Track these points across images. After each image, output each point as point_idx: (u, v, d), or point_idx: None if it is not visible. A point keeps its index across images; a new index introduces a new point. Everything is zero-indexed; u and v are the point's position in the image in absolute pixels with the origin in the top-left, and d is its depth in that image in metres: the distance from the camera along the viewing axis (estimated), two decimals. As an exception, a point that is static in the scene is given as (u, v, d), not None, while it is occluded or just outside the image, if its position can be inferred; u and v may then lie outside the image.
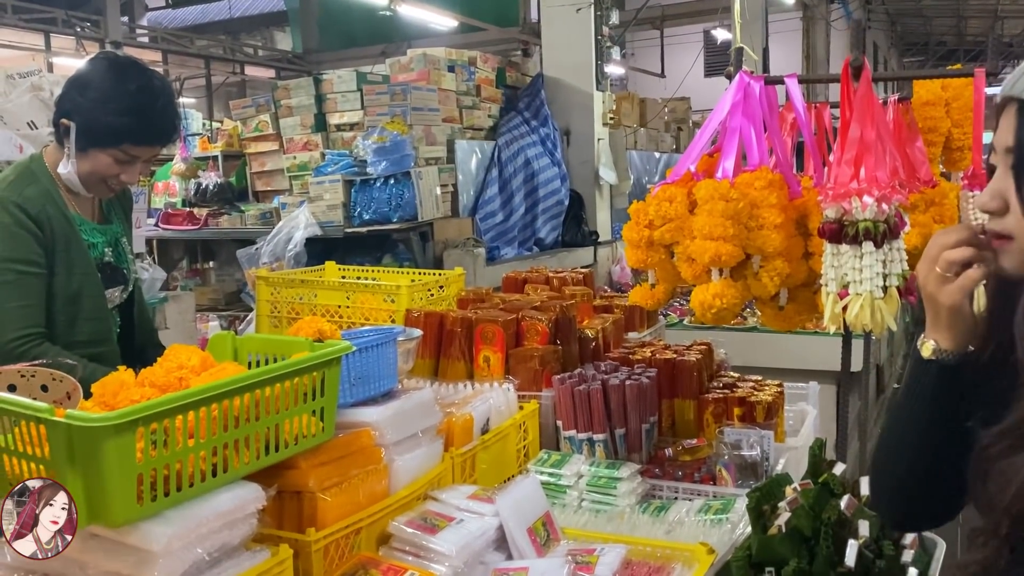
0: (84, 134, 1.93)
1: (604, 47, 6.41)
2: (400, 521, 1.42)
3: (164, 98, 1.98)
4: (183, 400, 1.13)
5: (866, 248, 1.39)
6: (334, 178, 4.78)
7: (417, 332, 1.85)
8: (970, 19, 16.30)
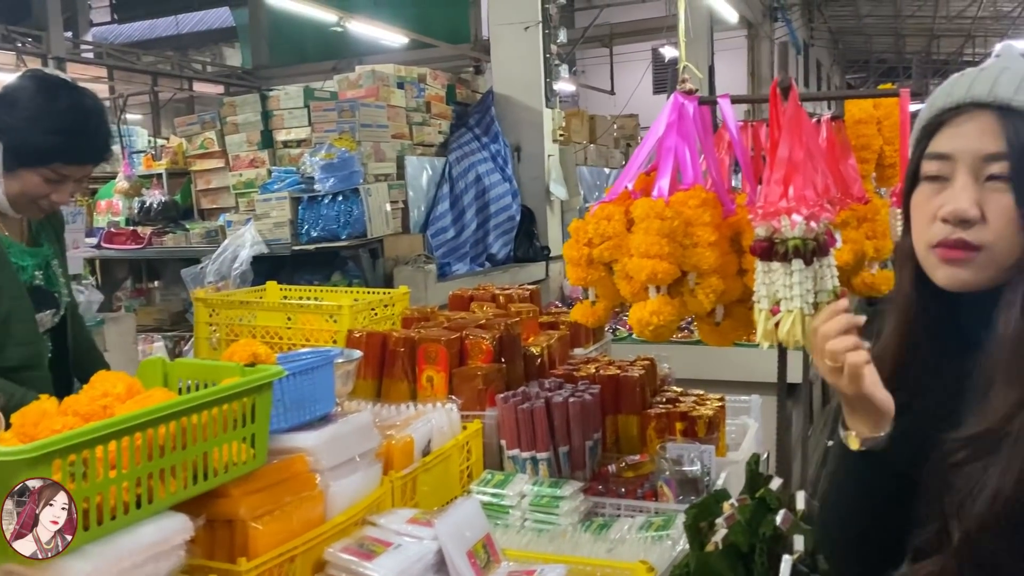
0: (12, 153, 1.88)
1: (553, 65, 6.46)
2: (336, 548, 1.39)
3: (96, 117, 1.94)
4: (104, 430, 1.10)
5: (796, 265, 1.42)
6: (281, 195, 4.73)
7: (356, 353, 1.83)
8: (908, 37, 16.81)
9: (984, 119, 1.01)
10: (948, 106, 1.05)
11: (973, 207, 1.01)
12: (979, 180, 1.02)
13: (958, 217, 1.01)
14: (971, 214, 1.01)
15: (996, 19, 15.23)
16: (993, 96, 1.01)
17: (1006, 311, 1.00)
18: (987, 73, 1.03)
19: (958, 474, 1.00)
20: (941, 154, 1.05)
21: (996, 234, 1.00)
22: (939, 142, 1.05)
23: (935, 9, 14.28)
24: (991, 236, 1.01)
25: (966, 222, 1.01)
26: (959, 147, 1.03)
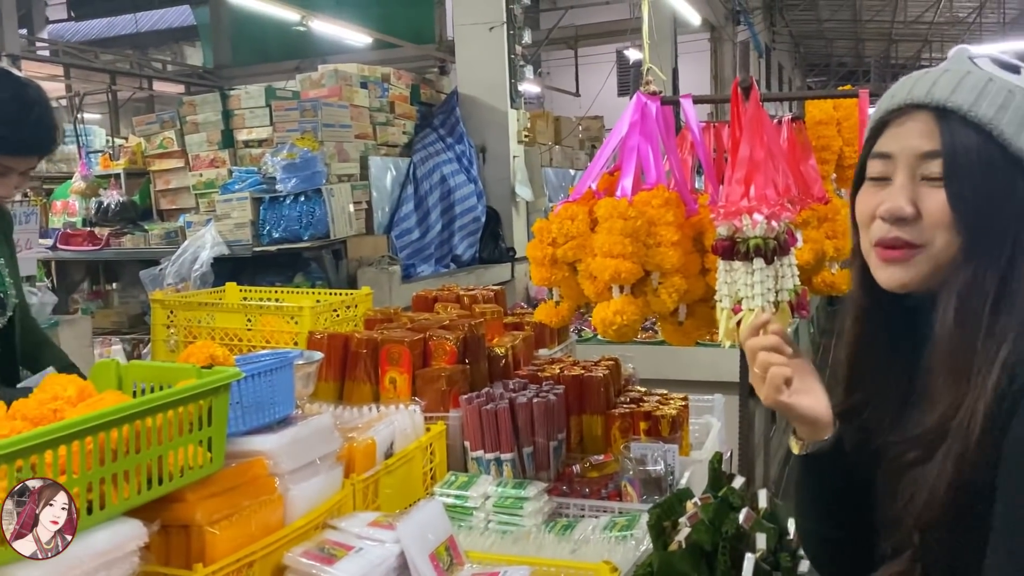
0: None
1: (518, 65, 6.47)
2: (296, 552, 1.37)
3: (39, 108, 1.89)
4: (54, 434, 1.06)
5: (757, 264, 1.42)
6: (242, 195, 4.67)
7: (317, 355, 1.80)
8: (867, 41, 17.11)
9: (921, 119, 1.02)
10: (891, 107, 1.06)
11: (908, 205, 1.02)
12: (916, 179, 1.03)
13: (893, 215, 1.03)
14: (906, 212, 1.02)
15: (952, 24, 15.56)
16: (930, 97, 1.02)
17: (941, 311, 1.01)
18: (928, 76, 1.04)
19: (904, 475, 1.01)
20: (883, 153, 1.06)
21: (932, 231, 1.01)
22: (882, 143, 1.07)
23: (893, 14, 14.54)
24: (927, 234, 1.02)
25: (902, 220, 1.02)
26: (898, 147, 1.04)
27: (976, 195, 0.99)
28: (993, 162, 0.98)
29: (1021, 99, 1.00)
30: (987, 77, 1.01)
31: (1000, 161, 0.98)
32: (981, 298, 0.98)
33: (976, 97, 0.99)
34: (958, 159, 0.99)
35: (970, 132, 0.99)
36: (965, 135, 0.99)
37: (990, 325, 0.97)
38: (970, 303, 0.99)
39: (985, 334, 0.97)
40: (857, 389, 1.15)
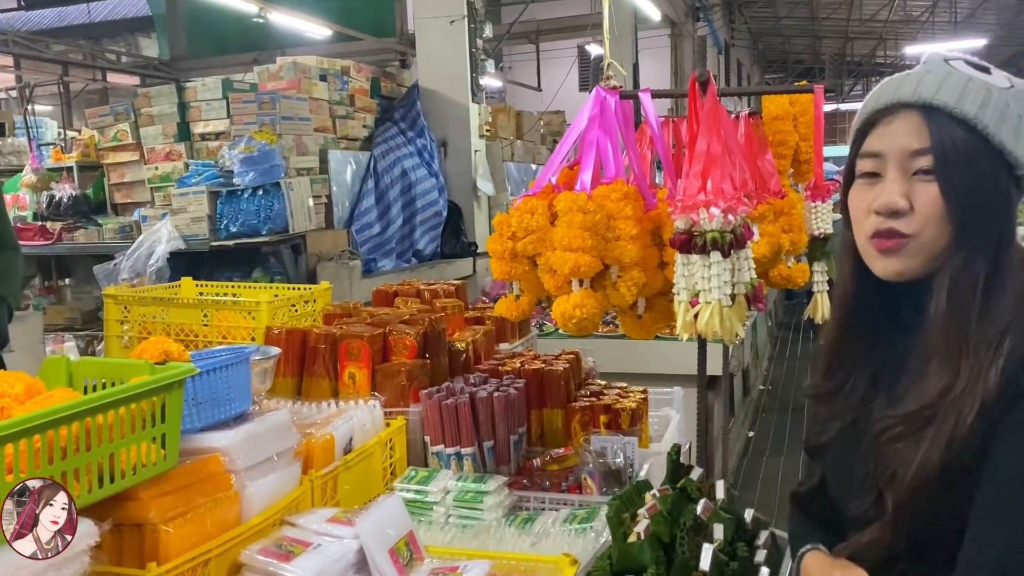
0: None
1: (479, 59, 6.44)
2: (252, 549, 1.35)
3: None
4: (0, 432, 1.04)
5: (714, 258, 1.44)
6: (198, 189, 4.60)
7: (274, 350, 1.78)
8: (824, 39, 17.36)
9: (910, 118, 1.08)
10: (878, 108, 1.12)
11: (902, 199, 1.07)
12: (907, 174, 1.08)
13: (889, 209, 1.08)
14: (900, 205, 1.07)
15: (906, 23, 15.85)
16: (917, 96, 1.07)
17: (936, 296, 1.07)
18: (912, 77, 1.10)
19: (891, 448, 1.07)
20: (873, 152, 1.11)
21: (923, 223, 1.07)
22: (871, 142, 1.12)
23: (849, 12, 14.76)
24: (919, 225, 1.07)
25: (896, 213, 1.08)
26: (888, 145, 1.09)
27: (965, 187, 1.05)
28: (978, 155, 1.05)
29: (998, 96, 1.06)
30: (967, 77, 1.08)
31: (984, 154, 1.05)
32: (972, 281, 1.05)
33: (960, 95, 1.06)
34: (947, 154, 1.05)
35: (956, 128, 1.05)
36: (952, 131, 1.05)
37: (983, 307, 1.04)
38: (962, 286, 1.05)
39: (979, 315, 1.04)
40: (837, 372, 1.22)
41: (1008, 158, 1.06)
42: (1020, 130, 1.06)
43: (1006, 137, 1.06)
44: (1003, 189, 1.07)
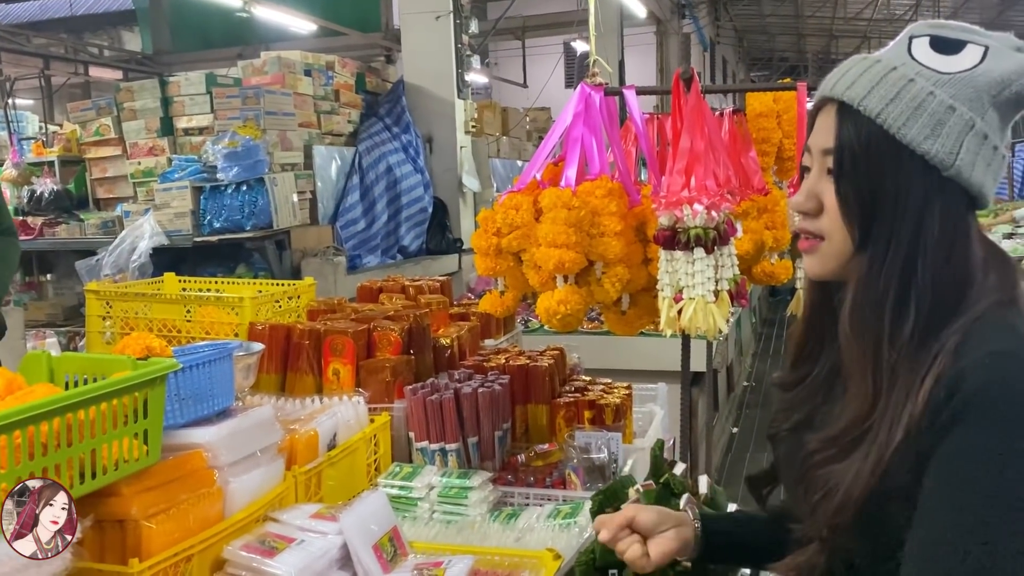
0: None
1: (464, 55, 6.44)
2: (236, 545, 1.35)
3: None
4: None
5: (698, 254, 1.45)
6: (181, 184, 4.57)
7: (258, 346, 1.77)
8: (808, 37, 17.44)
9: (829, 113, 1.02)
10: (815, 100, 1.07)
11: (807, 199, 1.03)
12: (823, 172, 1.03)
13: (795, 208, 1.05)
14: (803, 206, 1.03)
15: (890, 21, 15.94)
16: (834, 91, 1.01)
17: (841, 310, 1.02)
18: (842, 67, 1.03)
19: (819, 471, 1.01)
20: (806, 147, 1.07)
21: (831, 225, 1.01)
22: (809, 137, 1.07)
23: (833, 11, 14.84)
24: (828, 226, 1.02)
25: (805, 213, 1.04)
26: (812, 141, 1.05)
27: (861, 190, 0.98)
28: (882, 156, 0.96)
29: (921, 86, 0.96)
30: (891, 67, 0.98)
31: (890, 155, 0.96)
32: (877, 299, 0.97)
33: (869, 90, 0.97)
34: (844, 154, 0.98)
35: (861, 126, 0.97)
36: (855, 129, 0.98)
37: (894, 328, 0.95)
38: (865, 304, 0.98)
39: (889, 337, 0.95)
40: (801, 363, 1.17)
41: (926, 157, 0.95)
42: (945, 123, 0.94)
43: (915, 134, 0.95)
44: (915, 196, 0.95)
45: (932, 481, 0.90)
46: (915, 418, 0.91)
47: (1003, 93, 0.96)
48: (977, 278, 0.96)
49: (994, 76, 0.96)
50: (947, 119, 0.95)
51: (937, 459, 0.90)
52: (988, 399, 0.88)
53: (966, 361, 0.90)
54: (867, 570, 1.00)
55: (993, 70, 0.96)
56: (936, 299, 0.95)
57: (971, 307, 0.94)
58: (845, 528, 0.97)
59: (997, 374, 0.89)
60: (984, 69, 0.96)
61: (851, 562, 1.01)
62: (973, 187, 0.96)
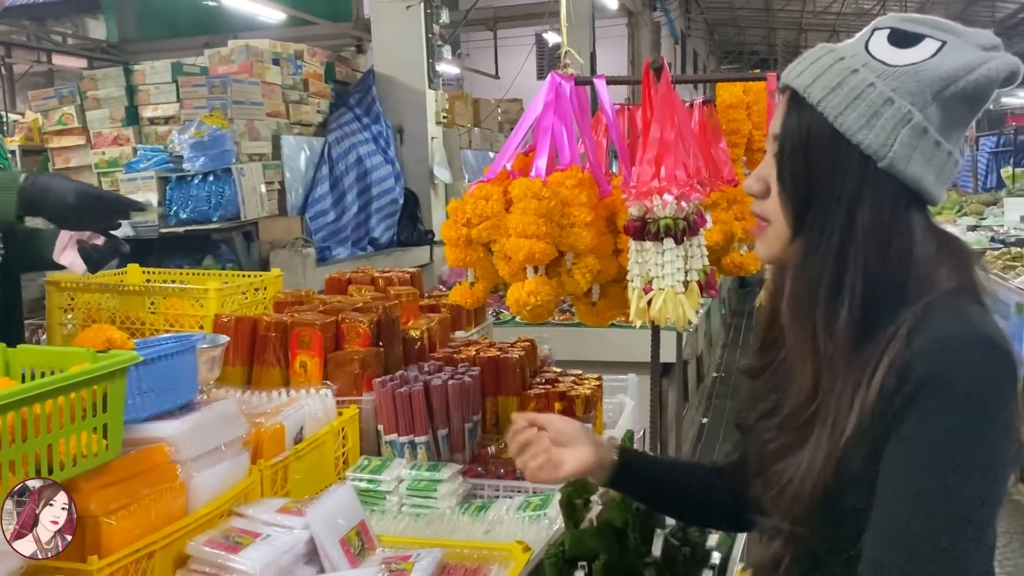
0: None
1: (435, 45, 6.39)
2: (199, 541, 1.33)
3: None
4: (-71, 424, 1.00)
5: (667, 244, 1.44)
6: (147, 175, 4.48)
7: (222, 338, 1.74)
8: (778, 30, 17.57)
9: (783, 100, 1.03)
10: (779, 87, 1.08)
11: (756, 182, 1.06)
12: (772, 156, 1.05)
13: (746, 191, 1.09)
14: (752, 188, 1.06)
15: (858, 15, 16.10)
16: (787, 79, 1.02)
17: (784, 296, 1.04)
18: (800, 57, 1.04)
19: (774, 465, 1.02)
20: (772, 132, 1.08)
21: (774, 209, 1.03)
22: None
23: (803, 4, 14.95)
24: (773, 210, 1.03)
25: (755, 196, 1.06)
26: (771, 127, 1.07)
27: (798, 175, 0.99)
28: (820, 144, 0.97)
29: (863, 77, 0.96)
30: (840, 57, 0.99)
31: (828, 143, 0.97)
32: (811, 287, 0.98)
33: (815, 79, 0.98)
34: (786, 139, 1.00)
35: (804, 113, 0.98)
36: (798, 116, 0.99)
37: (828, 320, 0.96)
38: (801, 290, 0.99)
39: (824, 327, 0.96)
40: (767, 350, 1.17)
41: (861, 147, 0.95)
42: (881, 115, 0.95)
43: (850, 123, 0.95)
44: (850, 183, 0.96)
45: (888, 465, 0.91)
46: (868, 407, 0.92)
47: (948, 89, 0.96)
48: (923, 270, 0.96)
49: (940, 71, 0.96)
50: (884, 111, 0.95)
51: (893, 444, 0.91)
52: (938, 383, 0.89)
53: (915, 347, 0.91)
54: (830, 560, 1.00)
55: (941, 65, 0.96)
56: (871, 290, 0.95)
57: (918, 298, 0.94)
58: (804, 520, 0.97)
59: (945, 358, 0.90)
60: (932, 64, 0.96)
61: (815, 554, 1.01)
62: (910, 180, 0.96)
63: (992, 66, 0.96)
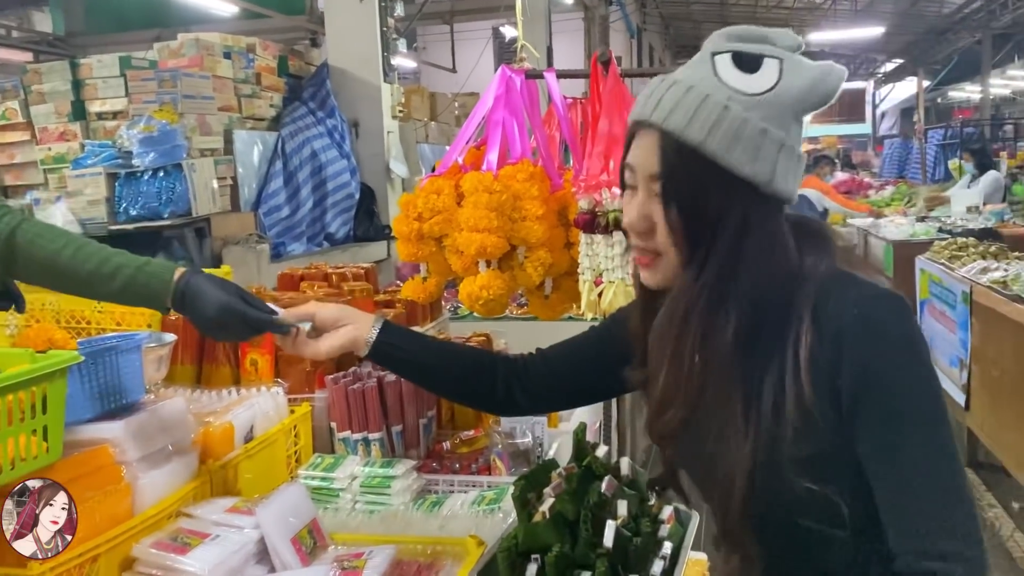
0: None
1: (390, 39, 6.34)
2: (145, 544, 1.30)
3: None
4: None
5: (617, 237, 1.45)
6: (95, 171, 4.39)
7: (169, 337, 1.71)
8: (733, 24, 17.74)
9: (650, 137, 1.05)
10: (631, 120, 1.11)
11: (641, 220, 1.08)
12: (651, 195, 1.07)
13: (631, 229, 1.10)
14: (639, 227, 1.08)
15: (810, 10, 16.35)
16: (653, 118, 1.04)
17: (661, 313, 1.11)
18: (655, 92, 1.06)
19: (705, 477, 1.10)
20: (628, 165, 1.11)
21: (664, 243, 1.07)
22: (629, 153, 1.11)
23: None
24: (662, 244, 1.08)
25: (639, 233, 1.09)
26: (637, 162, 1.08)
27: (686, 213, 1.03)
28: (704, 182, 1.02)
29: (736, 113, 1.01)
30: (704, 94, 1.02)
31: (714, 179, 1.02)
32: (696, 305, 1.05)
33: (689, 119, 1.01)
34: (672, 182, 1.03)
35: (684, 153, 1.02)
36: (678, 157, 1.02)
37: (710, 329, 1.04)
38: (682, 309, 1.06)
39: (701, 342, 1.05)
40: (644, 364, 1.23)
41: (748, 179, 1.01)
42: (762, 146, 1.01)
43: (738, 159, 1.00)
44: (736, 210, 1.02)
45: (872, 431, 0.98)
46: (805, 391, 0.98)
47: (801, 107, 1.04)
48: (797, 264, 1.05)
49: (792, 94, 1.03)
50: (762, 142, 1.01)
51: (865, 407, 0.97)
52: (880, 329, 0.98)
53: (836, 315, 0.99)
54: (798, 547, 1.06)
55: (792, 87, 1.03)
56: (759, 298, 1.03)
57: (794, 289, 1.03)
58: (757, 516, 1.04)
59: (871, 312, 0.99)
60: (784, 87, 1.03)
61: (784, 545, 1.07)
62: (784, 193, 1.04)
63: (829, 81, 1.04)
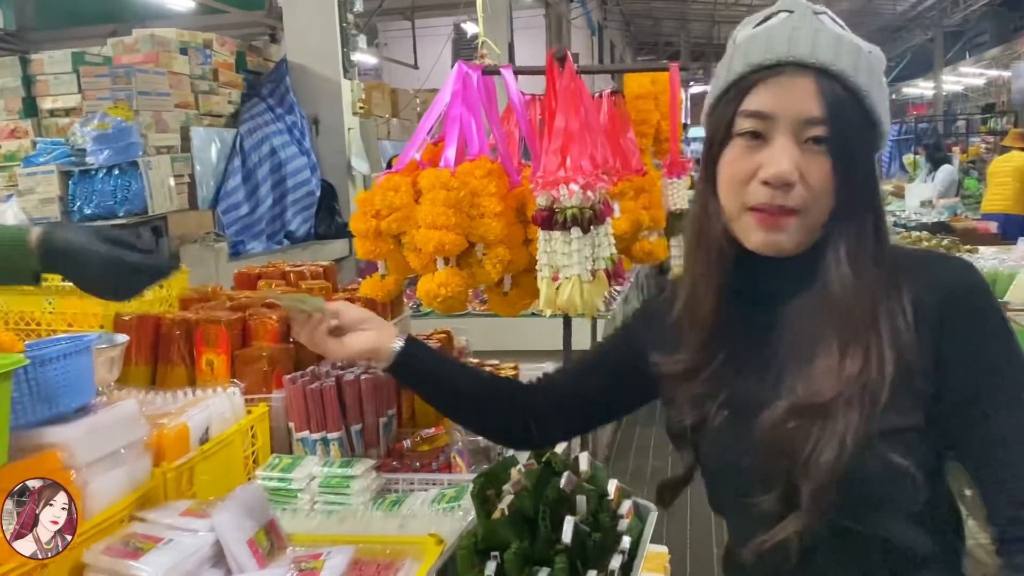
0: None
1: (350, 34, 6.28)
2: (96, 549, 1.28)
3: None
4: None
5: (574, 234, 1.45)
6: (47, 169, 4.30)
7: (121, 338, 1.68)
8: (692, 23, 17.91)
9: (804, 80, 0.98)
10: (766, 63, 1.00)
11: (795, 171, 0.98)
12: (799, 142, 0.99)
13: (781, 180, 0.98)
14: (793, 178, 0.98)
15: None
16: (815, 58, 0.98)
17: (834, 269, 1.02)
18: (803, 33, 1.00)
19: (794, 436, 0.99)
20: (761, 113, 1.00)
21: (813, 197, 0.99)
22: (758, 100, 1.01)
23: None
24: (808, 199, 0.99)
25: (788, 185, 0.99)
26: (781, 107, 0.99)
27: (855, 159, 1.00)
28: (864, 128, 1.02)
29: (877, 66, 1.04)
30: (854, 42, 1.02)
31: (867, 126, 1.02)
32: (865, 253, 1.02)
33: (854, 64, 1.00)
34: (840, 125, 0.98)
35: (849, 98, 0.99)
36: (843, 100, 0.99)
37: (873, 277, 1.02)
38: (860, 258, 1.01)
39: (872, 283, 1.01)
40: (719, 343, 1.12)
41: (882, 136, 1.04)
42: (884, 88, 1.04)
43: (885, 111, 1.03)
44: (871, 156, 1.04)
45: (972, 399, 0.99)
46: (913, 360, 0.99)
47: None
48: None
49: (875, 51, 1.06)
50: (883, 86, 1.04)
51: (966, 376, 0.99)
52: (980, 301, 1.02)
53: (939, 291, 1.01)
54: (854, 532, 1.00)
55: None
56: None
57: None
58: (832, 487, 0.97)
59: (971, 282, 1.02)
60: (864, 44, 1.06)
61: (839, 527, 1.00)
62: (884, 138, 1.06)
63: None
